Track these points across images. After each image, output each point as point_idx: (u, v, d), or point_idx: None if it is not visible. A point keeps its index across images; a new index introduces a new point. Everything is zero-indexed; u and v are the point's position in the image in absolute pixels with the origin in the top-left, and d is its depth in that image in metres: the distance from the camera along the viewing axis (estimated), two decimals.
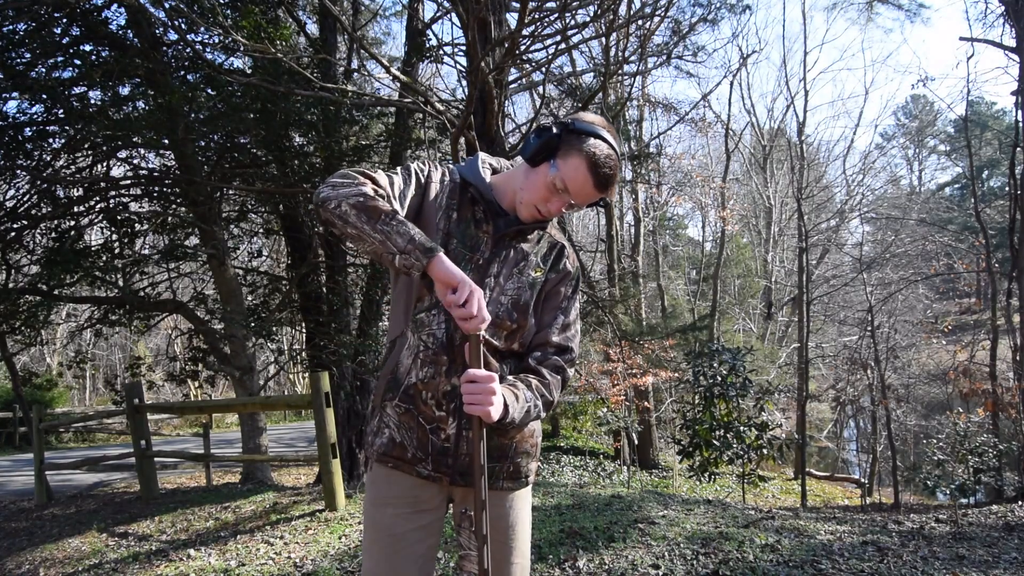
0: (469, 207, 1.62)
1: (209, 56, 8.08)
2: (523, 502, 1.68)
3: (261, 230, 10.57)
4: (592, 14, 7.44)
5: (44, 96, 7.75)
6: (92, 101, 8.32)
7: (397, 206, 1.50)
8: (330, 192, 1.44)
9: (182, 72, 8.41)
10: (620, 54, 11.29)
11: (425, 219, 1.60)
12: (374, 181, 1.49)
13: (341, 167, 8.60)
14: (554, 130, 1.52)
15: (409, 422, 1.57)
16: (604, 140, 1.52)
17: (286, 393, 23.63)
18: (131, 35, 8.13)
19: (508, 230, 1.60)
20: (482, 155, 1.70)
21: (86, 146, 8.60)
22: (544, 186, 1.53)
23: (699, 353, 10.05)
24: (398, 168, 1.63)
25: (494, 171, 1.71)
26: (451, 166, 1.70)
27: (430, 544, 1.62)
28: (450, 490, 1.62)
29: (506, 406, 1.44)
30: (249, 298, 9.68)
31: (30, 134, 8.37)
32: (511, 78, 9.02)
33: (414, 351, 1.57)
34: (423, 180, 1.63)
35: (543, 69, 8.80)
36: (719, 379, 9.32)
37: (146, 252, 10.20)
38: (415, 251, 1.38)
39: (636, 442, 15.30)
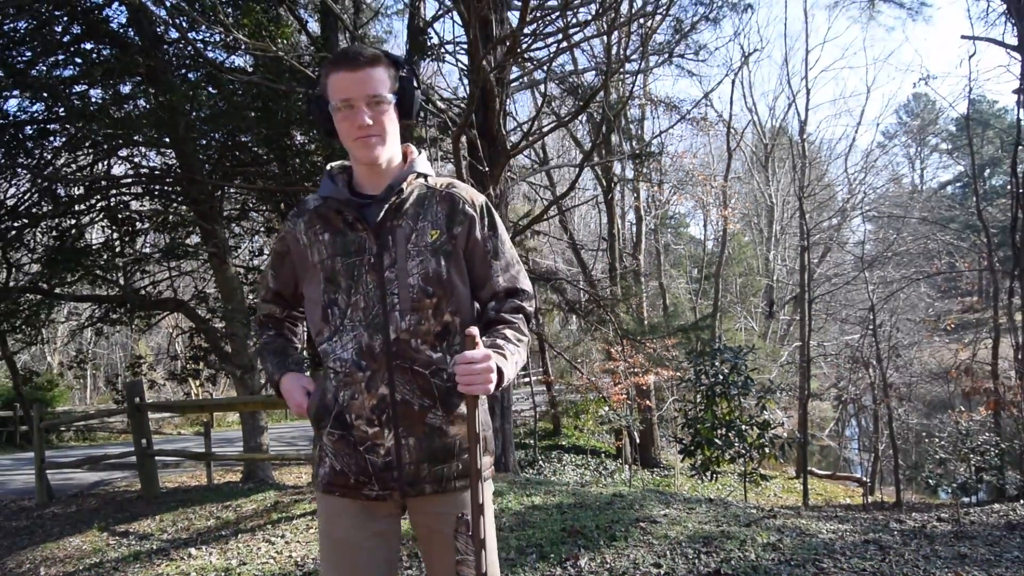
0: (336, 218, 1.57)
1: (210, 54, 8.08)
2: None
3: (262, 228, 10.55)
4: (594, 12, 7.42)
5: (45, 94, 7.76)
6: (93, 99, 8.33)
7: (274, 309, 1.78)
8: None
9: (183, 70, 8.42)
10: (622, 52, 11.27)
11: (306, 270, 1.61)
12: (262, 299, 1.79)
13: None
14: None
15: (344, 448, 1.54)
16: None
17: None
18: (132, 33, 8.14)
19: (382, 213, 1.53)
20: (330, 165, 1.66)
21: (87, 144, 8.61)
22: (340, 120, 1.52)
23: (701, 352, 10.03)
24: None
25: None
26: (307, 198, 1.68)
27: (390, 550, 1.60)
28: (403, 501, 1.58)
29: (500, 372, 1.41)
30: (250, 297, 9.69)
31: (31, 132, 8.39)
32: (512, 76, 9.01)
33: (331, 377, 1.55)
34: (285, 248, 1.66)
35: (544, 68, 8.77)
36: (721, 378, 9.27)
37: (147, 251, 10.21)
38: (271, 381, 1.71)
39: (638, 441, 15.27)
